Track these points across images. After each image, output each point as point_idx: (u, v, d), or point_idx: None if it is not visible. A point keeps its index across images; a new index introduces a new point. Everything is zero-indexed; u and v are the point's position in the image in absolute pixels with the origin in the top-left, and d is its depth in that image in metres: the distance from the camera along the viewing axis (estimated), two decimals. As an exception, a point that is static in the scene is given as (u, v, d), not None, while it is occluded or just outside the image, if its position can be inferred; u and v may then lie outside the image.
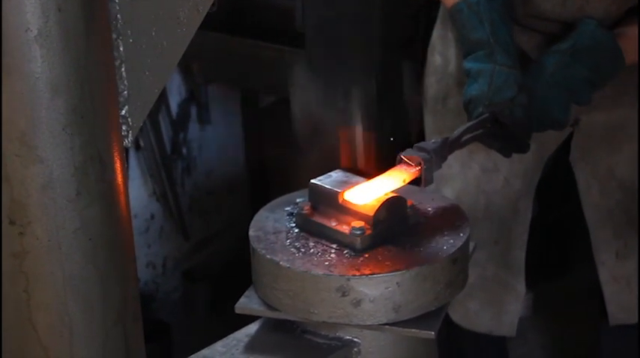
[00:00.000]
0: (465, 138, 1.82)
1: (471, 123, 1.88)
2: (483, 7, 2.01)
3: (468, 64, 2.02)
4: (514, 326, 2.53)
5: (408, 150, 1.60)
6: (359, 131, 1.61)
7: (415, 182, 1.59)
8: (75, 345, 1.20)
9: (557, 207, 3.38)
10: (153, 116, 3.55)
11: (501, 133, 1.96)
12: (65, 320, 1.18)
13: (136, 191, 3.59)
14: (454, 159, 2.35)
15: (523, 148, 2.03)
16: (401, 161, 1.60)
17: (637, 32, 2.06)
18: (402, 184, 1.55)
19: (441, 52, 2.42)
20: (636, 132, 2.31)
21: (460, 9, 2.03)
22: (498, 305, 2.50)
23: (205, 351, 1.50)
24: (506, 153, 2.04)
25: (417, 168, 1.57)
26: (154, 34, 1.22)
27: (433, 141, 1.66)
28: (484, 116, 1.92)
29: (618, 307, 2.47)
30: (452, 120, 2.40)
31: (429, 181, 1.60)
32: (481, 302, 2.49)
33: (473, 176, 2.39)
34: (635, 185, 2.36)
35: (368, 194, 1.50)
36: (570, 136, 2.35)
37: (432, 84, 2.46)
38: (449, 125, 2.41)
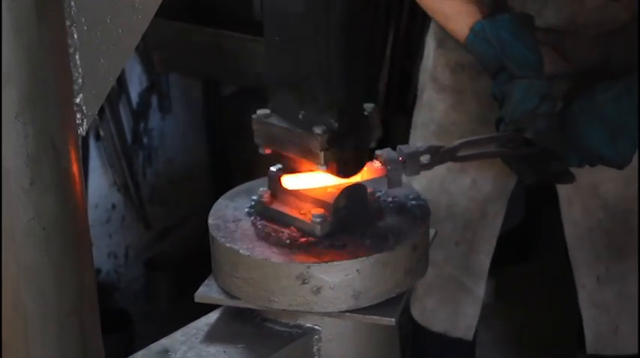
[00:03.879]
0: (467, 152, 1.75)
1: (472, 138, 1.80)
2: (489, 29, 1.93)
3: (494, 91, 1.94)
4: (471, 330, 2.49)
5: (385, 149, 1.57)
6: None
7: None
8: (30, 336, 1.18)
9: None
10: (113, 106, 3.53)
11: (533, 157, 1.87)
12: (19, 311, 1.16)
13: (97, 181, 3.57)
14: None
15: (565, 177, 1.91)
16: (375, 157, 1.57)
17: None
18: (359, 180, 1.53)
19: (427, 49, 2.41)
20: None
21: (471, 41, 1.96)
22: (454, 306, 2.47)
23: (165, 340, 1.49)
24: (528, 179, 1.95)
25: (381, 168, 1.55)
26: (109, 21, 1.21)
27: (419, 145, 1.62)
28: (502, 133, 1.85)
29: (596, 335, 2.40)
30: (424, 115, 2.38)
31: (395, 184, 1.56)
32: (438, 301, 2.46)
33: (438, 174, 2.31)
34: (620, 206, 2.27)
35: (310, 184, 1.50)
36: None
37: (420, 81, 2.45)
38: (421, 120, 2.39)
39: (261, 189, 1.54)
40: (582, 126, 1.88)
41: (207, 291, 1.51)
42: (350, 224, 1.49)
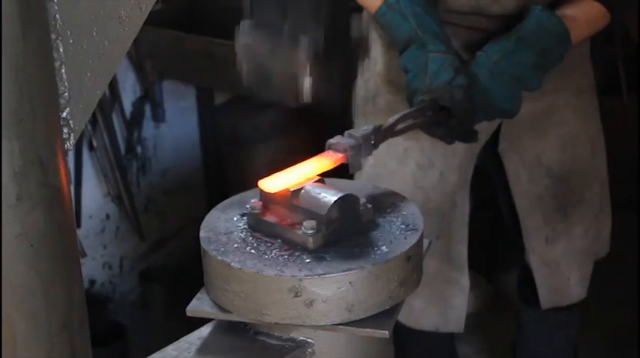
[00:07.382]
0: (400, 126, 1.83)
1: (406, 111, 1.90)
2: (404, 3, 2.05)
3: (403, 61, 2.05)
4: (461, 322, 2.52)
5: (336, 137, 1.63)
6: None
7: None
8: (19, 355, 1.17)
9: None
10: (106, 115, 3.52)
11: (445, 120, 1.98)
12: (8, 330, 1.15)
13: (91, 191, 3.56)
14: (389, 157, 2.34)
15: (471, 136, 2.05)
16: (329, 147, 1.60)
17: (576, 12, 2.11)
18: (326, 169, 1.55)
19: (372, 55, 2.42)
20: (560, 120, 2.38)
21: (383, 12, 2.08)
22: (443, 301, 2.49)
23: (157, 355, 1.48)
24: (449, 141, 2.06)
25: (343, 155, 1.58)
26: (95, 34, 1.19)
27: (364, 128, 1.68)
28: (423, 104, 1.95)
29: (550, 291, 2.52)
30: (383, 119, 2.38)
31: (357, 167, 1.62)
32: (426, 299, 2.46)
33: (409, 172, 2.38)
34: (561, 170, 2.41)
35: (288, 181, 1.49)
36: (499, 128, 2.38)
37: (361, 85, 2.46)
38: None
39: (252, 201, 1.53)
40: (488, 85, 2.01)
41: (199, 305, 1.49)
42: (342, 235, 1.48)
